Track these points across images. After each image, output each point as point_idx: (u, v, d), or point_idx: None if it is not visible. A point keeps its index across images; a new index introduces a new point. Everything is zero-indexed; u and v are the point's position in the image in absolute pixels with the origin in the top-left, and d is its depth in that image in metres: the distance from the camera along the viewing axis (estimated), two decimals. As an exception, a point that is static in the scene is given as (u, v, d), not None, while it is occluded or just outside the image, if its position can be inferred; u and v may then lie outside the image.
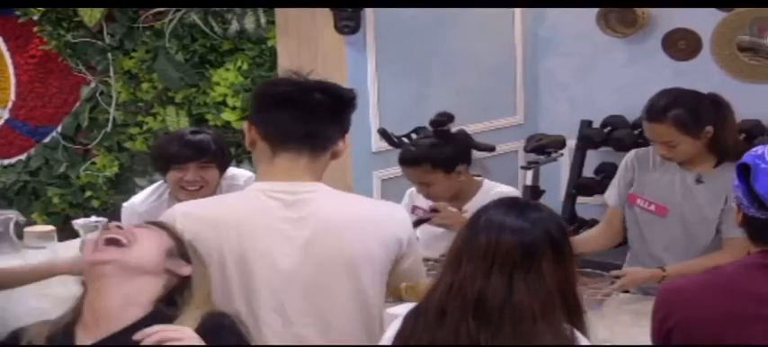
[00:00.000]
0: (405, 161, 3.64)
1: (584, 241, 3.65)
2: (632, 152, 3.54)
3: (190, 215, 2.37)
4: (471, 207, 3.47)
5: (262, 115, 2.43)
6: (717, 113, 3.27)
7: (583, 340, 2.03)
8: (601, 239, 3.59)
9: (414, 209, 3.79)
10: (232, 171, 3.91)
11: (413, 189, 3.83)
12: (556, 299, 2.00)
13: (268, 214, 2.35)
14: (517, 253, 2.01)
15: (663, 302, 2.25)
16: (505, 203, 2.13)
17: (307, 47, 5.10)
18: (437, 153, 3.59)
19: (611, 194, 3.56)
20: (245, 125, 2.47)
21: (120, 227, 2.25)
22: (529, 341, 1.96)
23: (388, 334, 2.13)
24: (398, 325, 2.10)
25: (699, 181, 3.31)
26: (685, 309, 2.18)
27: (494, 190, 3.65)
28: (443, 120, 3.64)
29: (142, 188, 4.40)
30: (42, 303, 3.34)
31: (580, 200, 5.70)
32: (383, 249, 2.41)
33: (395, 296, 3.31)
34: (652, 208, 3.38)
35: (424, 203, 3.74)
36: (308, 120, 2.41)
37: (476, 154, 3.72)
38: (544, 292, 1.99)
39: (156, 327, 2.03)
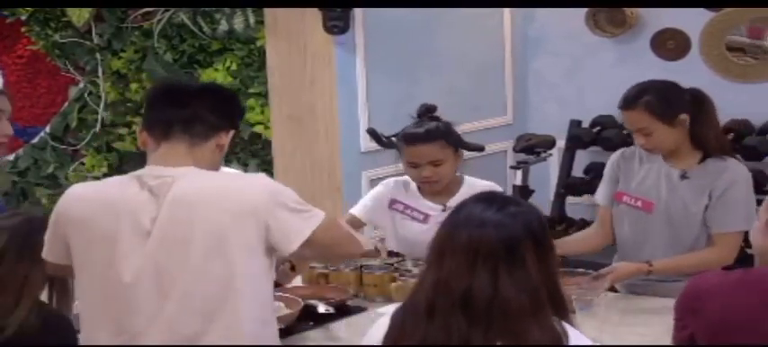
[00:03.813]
0: (419, 138, 3.52)
1: (577, 241, 3.65)
2: (619, 151, 3.57)
3: (82, 197, 2.53)
4: (455, 203, 3.43)
5: (148, 115, 2.60)
6: (696, 106, 3.29)
7: (577, 336, 2.02)
8: (594, 239, 3.59)
9: (392, 202, 3.70)
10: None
11: (392, 180, 3.76)
12: (542, 294, 2.00)
13: (131, 197, 2.46)
14: (500, 248, 2.00)
15: (693, 296, 2.23)
16: (484, 198, 2.12)
17: (296, 47, 5.10)
18: (450, 131, 3.56)
19: (600, 193, 3.57)
20: (137, 129, 2.58)
21: None
22: (519, 336, 1.95)
23: (377, 334, 2.12)
24: (385, 324, 2.09)
25: (683, 177, 3.33)
26: (718, 304, 2.16)
27: (477, 185, 3.60)
28: (432, 107, 3.63)
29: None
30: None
31: (569, 199, 5.70)
32: (237, 221, 2.41)
33: (384, 296, 3.32)
34: (638, 204, 3.40)
35: (404, 199, 3.67)
36: (186, 110, 2.53)
37: (465, 154, 3.70)
38: (530, 286, 1.99)
39: None
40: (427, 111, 3.61)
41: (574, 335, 2.01)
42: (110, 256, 2.43)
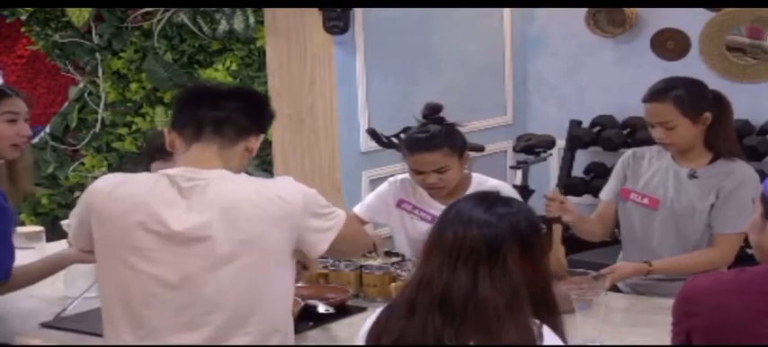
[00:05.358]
0: (422, 146, 3.43)
1: (583, 218, 3.61)
2: (631, 150, 3.57)
3: (108, 191, 2.51)
4: None
5: (178, 115, 2.58)
6: (718, 107, 3.30)
7: (551, 337, 2.01)
8: (594, 225, 3.59)
9: (400, 202, 3.63)
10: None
11: (398, 178, 3.68)
12: (522, 295, 1.99)
13: (159, 196, 2.46)
14: (482, 247, 2.00)
15: (687, 299, 2.24)
16: (475, 197, 2.13)
17: (295, 47, 5.09)
18: (454, 136, 3.46)
19: (605, 189, 3.59)
20: (165, 130, 2.60)
21: None
22: (492, 336, 1.95)
23: (363, 330, 2.13)
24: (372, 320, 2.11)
25: (692, 176, 3.34)
26: (712, 306, 2.17)
27: (486, 184, 3.54)
28: (438, 107, 3.55)
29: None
30: (30, 303, 3.33)
31: (569, 199, 5.67)
32: (271, 227, 2.44)
33: (384, 296, 3.32)
34: (645, 201, 3.40)
35: (413, 199, 3.61)
36: (219, 111, 2.53)
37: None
38: (510, 287, 1.98)
39: None
40: (433, 112, 3.52)
41: (548, 337, 2.00)
42: (135, 254, 2.44)
